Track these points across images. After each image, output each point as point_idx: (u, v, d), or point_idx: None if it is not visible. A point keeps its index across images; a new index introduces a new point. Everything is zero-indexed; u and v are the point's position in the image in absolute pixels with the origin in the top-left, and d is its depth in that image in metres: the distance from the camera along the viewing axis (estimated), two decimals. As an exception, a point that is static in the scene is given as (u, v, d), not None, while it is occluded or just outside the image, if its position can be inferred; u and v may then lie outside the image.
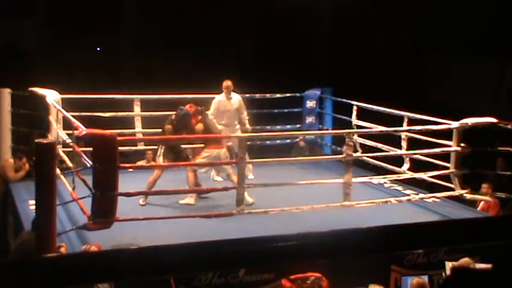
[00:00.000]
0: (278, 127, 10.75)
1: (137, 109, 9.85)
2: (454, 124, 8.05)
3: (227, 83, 9.29)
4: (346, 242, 2.16)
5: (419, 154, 8.55)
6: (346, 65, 16.08)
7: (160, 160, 8.02)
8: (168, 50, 15.73)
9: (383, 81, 15.06)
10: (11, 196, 8.36)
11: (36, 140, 6.19)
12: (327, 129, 10.98)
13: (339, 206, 7.35)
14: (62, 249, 5.95)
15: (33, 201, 6.34)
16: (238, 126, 9.28)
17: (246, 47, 17.14)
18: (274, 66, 15.62)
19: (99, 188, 6.07)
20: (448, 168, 8.08)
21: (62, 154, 7.78)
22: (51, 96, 8.66)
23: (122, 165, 6.58)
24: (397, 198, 7.96)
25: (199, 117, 8.27)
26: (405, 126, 8.72)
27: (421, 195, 8.37)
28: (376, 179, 8.61)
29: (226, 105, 9.27)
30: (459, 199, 8.20)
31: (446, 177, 8.16)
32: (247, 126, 9.37)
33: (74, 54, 14.80)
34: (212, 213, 7.18)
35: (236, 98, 9.36)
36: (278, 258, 2.17)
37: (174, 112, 8.20)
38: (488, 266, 2.25)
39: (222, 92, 9.28)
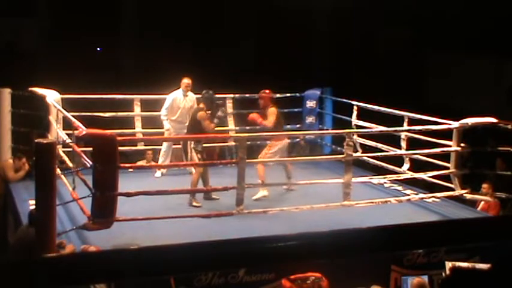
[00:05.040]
0: (278, 127, 10.72)
1: (137, 109, 9.86)
2: (454, 124, 8.05)
3: (187, 80, 9.34)
4: (346, 242, 2.16)
5: (419, 154, 8.55)
6: (346, 65, 16.07)
7: (195, 158, 7.93)
8: (168, 50, 15.71)
9: (383, 81, 15.05)
10: (11, 196, 8.36)
11: (36, 140, 6.19)
12: (327, 129, 10.97)
13: (338, 206, 7.34)
14: (68, 248, 5.96)
15: (33, 201, 6.34)
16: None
17: (246, 46, 17.13)
18: (274, 66, 15.61)
19: (99, 188, 6.07)
20: (448, 168, 8.08)
21: (62, 154, 7.78)
22: (51, 96, 8.66)
23: (122, 165, 6.58)
24: (397, 198, 7.96)
25: (274, 104, 8.54)
26: (405, 126, 8.72)
27: (421, 195, 8.37)
28: (376, 179, 8.60)
29: (182, 102, 9.31)
30: (459, 199, 8.19)
31: (446, 177, 8.16)
32: None
33: (74, 54, 14.78)
34: (212, 213, 7.18)
35: (192, 97, 9.39)
36: (278, 258, 2.17)
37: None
38: (487, 266, 2.25)
39: (180, 88, 9.33)
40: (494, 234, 2.29)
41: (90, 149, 6.47)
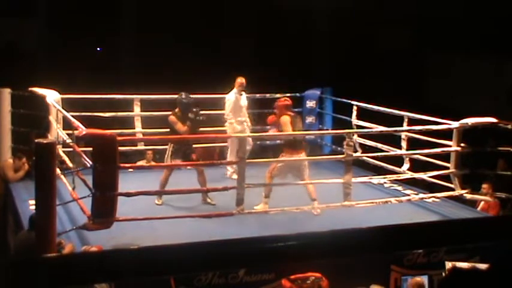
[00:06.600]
0: (278, 127, 10.73)
1: (137, 109, 9.85)
2: (454, 124, 8.06)
3: (242, 79, 9.34)
4: (346, 242, 2.16)
5: (419, 154, 8.55)
6: (346, 65, 16.07)
7: (168, 160, 7.92)
8: (168, 50, 15.71)
9: (383, 81, 15.05)
10: (11, 196, 8.36)
11: (36, 140, 6.19)
12: (327, 129, 10.98)
13: (339, 206, 7.35)
14: (67, 248, 5.96)
15: (33, 201, 6.35)
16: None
17: (246, 46, 17.12)
18: (274, 66, 15.60)
19: (99, 188, 6.07)
20: (448, 168, 8.08)
21: (62, 154, 7.78)
22: (51, 96, 8.66)
23: (122, 165, 6.58)
24: (397, 198, 7.96)
25: (289, 113, 7.97)
26: (405, 126, 8.72)
27: (421, 195, 8.37)
28: (376, 179, 8.61)
29: (240, 101, 9.34)
30: (459, 199, 8.20)
31: (446, 177, 8.16)
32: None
33: (74, 54, 14.78)
34: (212, 213, 7.18)
35: (245, 95, 9.47)
36: (278, 258, 2.17)
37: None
38: (487, 266, 2.25)
39: (234, 88, 9.31)
40: (494, 234, 2.29)
41: (90, 149, 6.47)
